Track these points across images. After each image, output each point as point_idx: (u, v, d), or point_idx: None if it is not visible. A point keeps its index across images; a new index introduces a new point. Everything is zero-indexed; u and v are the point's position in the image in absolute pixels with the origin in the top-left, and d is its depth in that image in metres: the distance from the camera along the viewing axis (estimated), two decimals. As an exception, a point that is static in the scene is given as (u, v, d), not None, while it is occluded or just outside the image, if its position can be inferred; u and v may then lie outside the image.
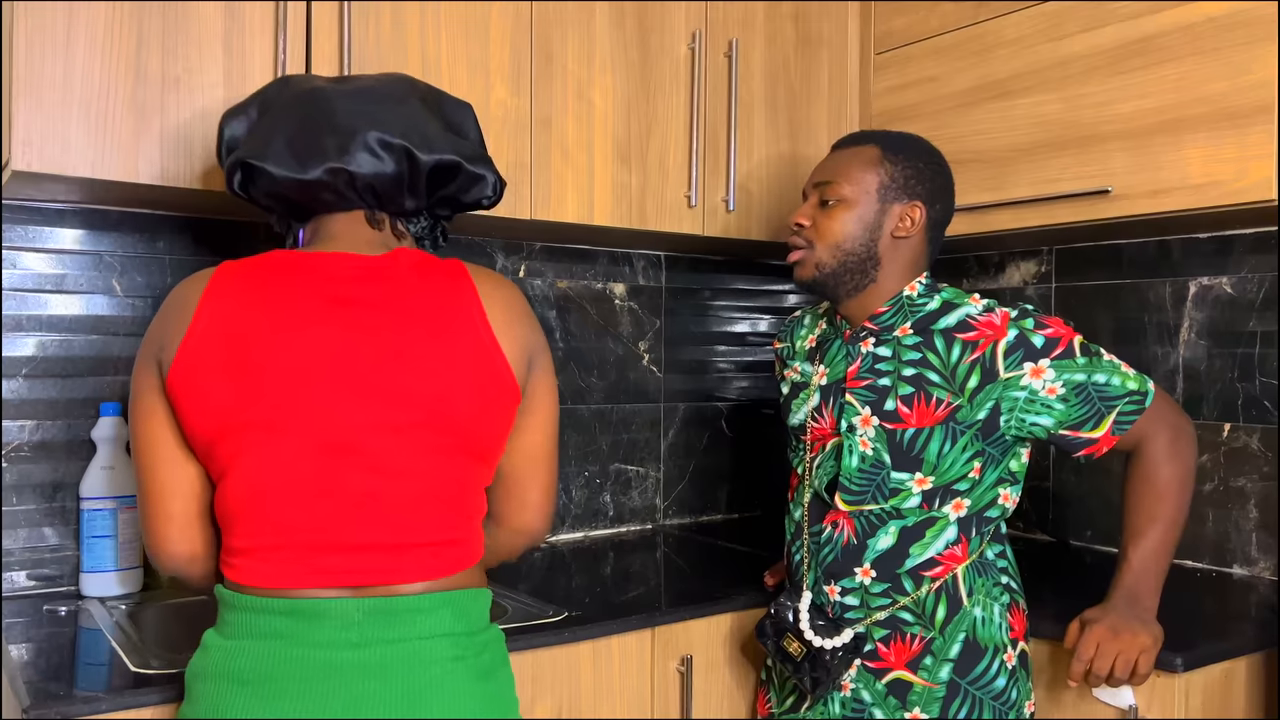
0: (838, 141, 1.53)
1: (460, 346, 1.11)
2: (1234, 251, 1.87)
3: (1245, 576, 1.85)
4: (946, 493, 1.41)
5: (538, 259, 2.12)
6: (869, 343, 1.46)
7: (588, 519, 2.20)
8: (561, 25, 1.79)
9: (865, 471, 1.42)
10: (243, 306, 1.08)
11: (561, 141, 1.79)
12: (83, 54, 1.39)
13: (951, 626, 1.41)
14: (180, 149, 1.46)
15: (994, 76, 1.89)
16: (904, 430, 1.41)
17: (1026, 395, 1.38)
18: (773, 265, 2.48)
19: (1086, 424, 1.39)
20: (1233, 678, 1.50)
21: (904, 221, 1.44)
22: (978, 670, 1.41)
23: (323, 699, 1.02)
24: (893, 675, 1.42)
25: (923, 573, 1.42)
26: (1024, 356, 1.38)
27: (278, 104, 1.19)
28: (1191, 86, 1.61)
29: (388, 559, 1.08)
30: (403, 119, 1.16)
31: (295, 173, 1.13)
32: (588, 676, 1.50)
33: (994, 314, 1.41)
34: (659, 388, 2.30)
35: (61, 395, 1.67)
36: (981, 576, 1.43)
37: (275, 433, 1.06)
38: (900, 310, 1.46)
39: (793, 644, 1.45)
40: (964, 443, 1.40)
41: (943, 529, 1.42)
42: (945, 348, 1.41)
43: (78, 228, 1.68)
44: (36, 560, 1.66)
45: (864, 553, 1.43)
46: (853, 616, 1.44)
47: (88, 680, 1.27)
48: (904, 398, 1.41)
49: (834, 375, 1.49)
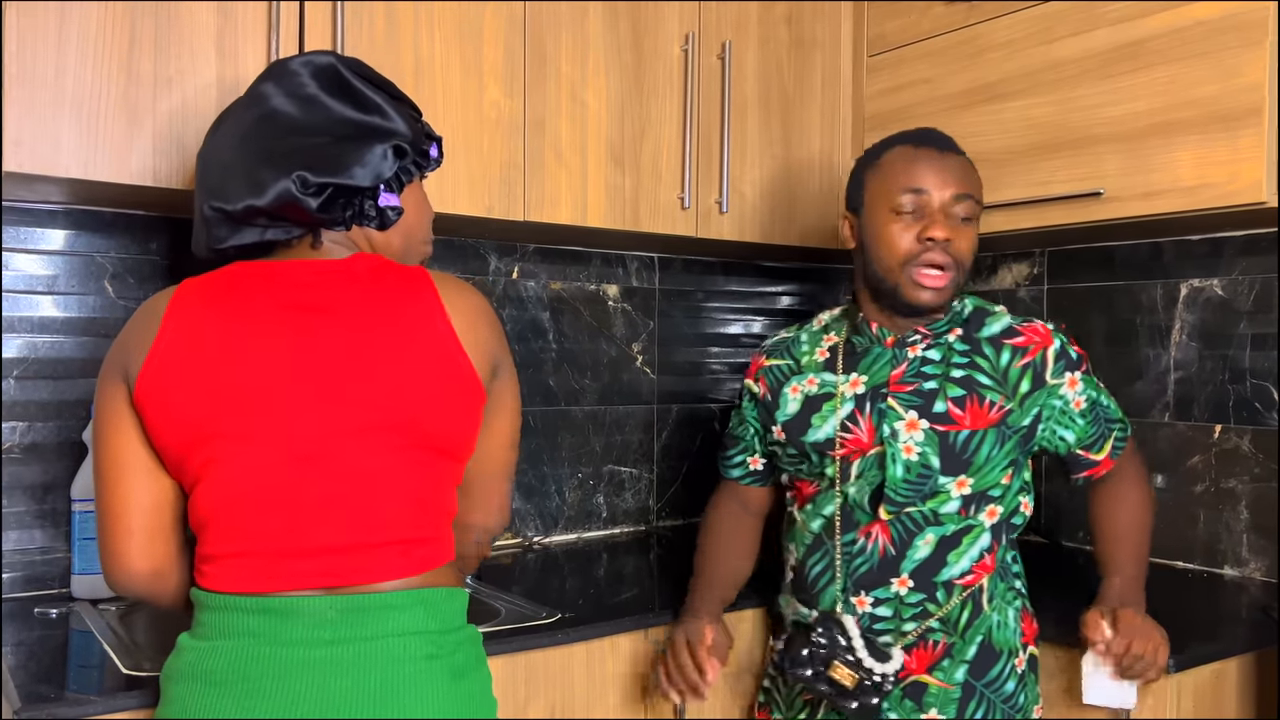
0: (939, 141, 1.42)
1: (422, 347, 1.11)
2: (1225, 254, 1.88)
3: (1236, 577, 1.86)
4: (982, 499, 1.40)
5: (531, 260, 2.12)
6: (917, 348, 1.43)
7: (581, 520, 2.20)
8: (555, 27, 1.79)
9: (911, 481, 1.38)
10: (206, 318, 1.10)
11: (555, 143, 1.79)
12: (74, 54, 1.38)
13: (971, 630, 1.40)
14: (172, 150, 1.45)
15: (986, 79, 1.89)
16: (957, 432, 1.38)
17: (1061, 405, 1.41)
18: (766, 267, 2.49)
19: (1095, 445, 1.44)
20: (1224, 679, 1.51)
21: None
22: (992, 673, 1.40)
23: (295, 697, 1.03)
24: (911, 679, 1.39)
25: (956, 583, 1.39)
26: (1066, 366, 1.41)
27: (210, 145, 1.19)
28: (1182, 89, 1.62)
29: (358, 559, 1.08)
30: (302, 145, 1.12)
31: (223, 212, 1.13)
32: (581, 678, 1.50)
33: (1034, 323, 1.44)
34: (652, 389, 2.31)
35: (53, 397, 1.66)
36: (1002, 582, 1.43)
37: (244, 441, 1.07)
38: (954, 317, 1.45)
39: (841, 671, 1.35)
40: (1008, 448, 1.39)
41: (978, 536, 1.40)
42: (995, 353, 1.41)
43: (69, 229, 1.67)
44: (27, 562, 1.65)
45: (901, 562, 1.39)
46: (881, 628, 1.39)
47: (79, 682, 1.26)
48: (955, 399, 1.38)
49: (873, 382, 1.43)
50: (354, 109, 1.17)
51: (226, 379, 1.07)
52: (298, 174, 1.10)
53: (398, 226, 1.21)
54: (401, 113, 1.19)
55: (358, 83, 1.18)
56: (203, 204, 1.15)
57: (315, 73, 1.17)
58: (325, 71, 1.18)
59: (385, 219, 1.18)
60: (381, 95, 1.19)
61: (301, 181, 1.10)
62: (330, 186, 1.12)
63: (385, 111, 1.18)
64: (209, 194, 1.14)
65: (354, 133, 1.15)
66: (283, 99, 1.16)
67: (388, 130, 1.17)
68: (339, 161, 1.12)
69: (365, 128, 1.16)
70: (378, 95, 1.18)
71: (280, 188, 1.10)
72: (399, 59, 1.62)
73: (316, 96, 1.16)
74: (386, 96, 1.20)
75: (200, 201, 1.15)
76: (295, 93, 1.16)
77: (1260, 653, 1.56)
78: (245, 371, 1.08)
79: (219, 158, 1.16)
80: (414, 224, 1.24)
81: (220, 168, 1.15)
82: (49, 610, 1.55)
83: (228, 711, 1.03)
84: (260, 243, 1.15)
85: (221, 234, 1.15)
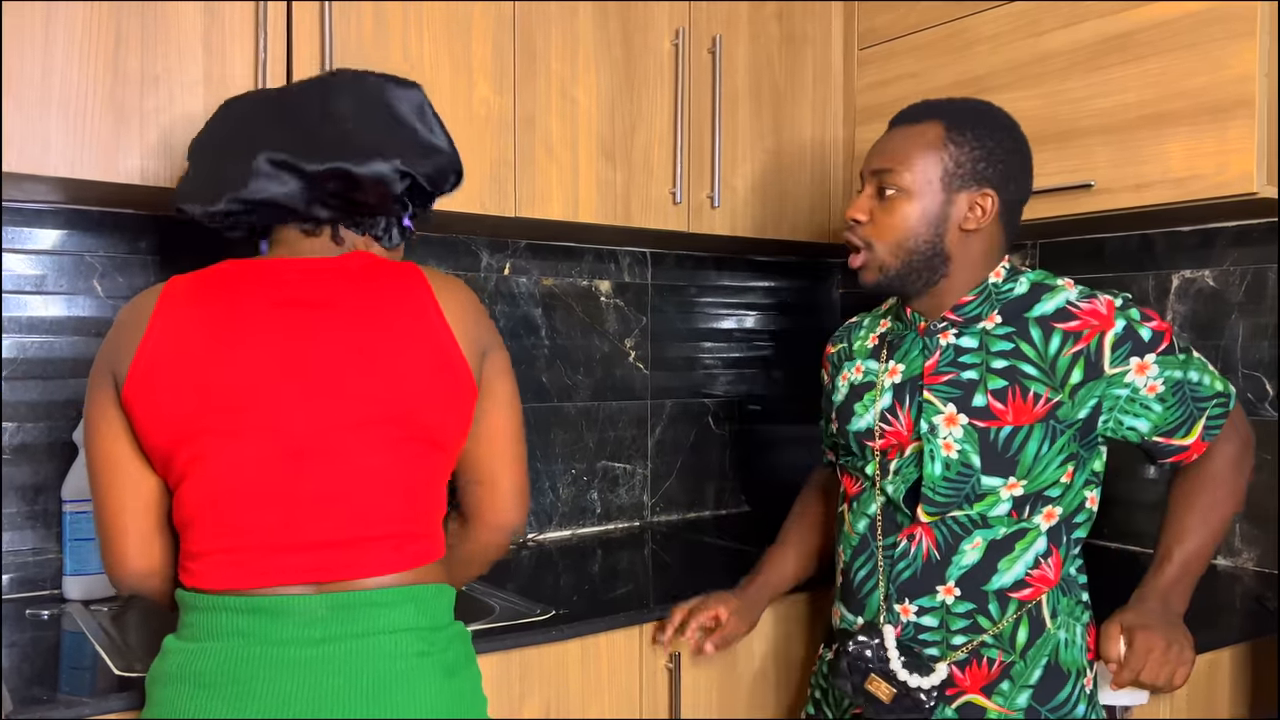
0: (897, 115, 1.35)
1: (416, 340, 1.11)
2: (1217, 245, 1.88)
3: (1229, 568, 1.86)
4: (1038, 500, 1.27)
5: (523, 257, 2.12)
6: (949, 334, 1.31)
7: (575, 517, 2.20)
8: (545, 23, 1.78)
9: (951, 480, 1.27)
10: (194, 317, 1.09)
11: (546, 139, 1.79)
12: (61, 53, 1.37)
13: (1034, 650, 1.27)
14: (161, 148, 1.45)
15: (973, 73, 1.89)
16: (999, 429, 1.25)
17: (1128, 394, 1.25)
18: (758, 262, 2.48)
19: (1180, 429, 1.28)
20: (1218, 668, 1.51)
21: (973, 212, 1.28)
22: (1060, 698, 1.27)
23: (286, 697, 1.02)
24: (965, 699, 1.28)
25: (1010, 594, 1.27)
26: (1131, 350, 1.25)
27: (204, 137, 1.20)
28: (1171, 81, 1.62)
29: (348, 554, 1.07)
30: (290, 129, 1.13)
31: (206, 206, 1.14)
32: (576, 675, 1.50)
33: (1097, 300, 1.27)
34: (645, 385, 2.30)
35: (42, 397, 1.66)
36: (1066, 596, 1.30)
37: (230, 437, 1.06)
38: (987, 299, 1.31)
39: (880, 686, 1.28)
40: (1062, 443, 1.26)
41: (1032, 541, 1.27)
42: (1043, 338, 1.26)
43: (58, 228, 1.67)
44: (19, 564, 1.65)
45: (947, 569, 1.28)
46: (927, 639, 1.29)
47: (71, 684, 1.26)
48: (996, 392, 1.26)
49: (909, 372, 1.33)
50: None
51: (214, 376, 1.06)
52: (398, 160, 1.14)
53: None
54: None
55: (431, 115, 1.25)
56: (260, 152, 1.11)
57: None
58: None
59: (401, 238, 1.23)
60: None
61: (399, 168, 1.14)
62: (411, 178, 1.16)
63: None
64: (282, 145, 1.12)
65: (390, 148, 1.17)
66: (399, 92, 1.20)
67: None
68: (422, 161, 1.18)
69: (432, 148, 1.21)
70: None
71: (379, 165, 1.13)
72: (387, 57, 1.62)
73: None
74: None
75: (257, 149, 1.12)
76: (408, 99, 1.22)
77: (1255, 642, 1.56)
78: (233, 368, 1.07)
79: (326, 111, 1.15)
80: None
81: (319, 122, 1.14)
82: (41, 611, 1.55)
83: (219, 712, 1.02)
84: (287, 210, 1.13)
85: (264, 188, 1.11)
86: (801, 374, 2.58)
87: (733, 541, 2.10)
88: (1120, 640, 1.24)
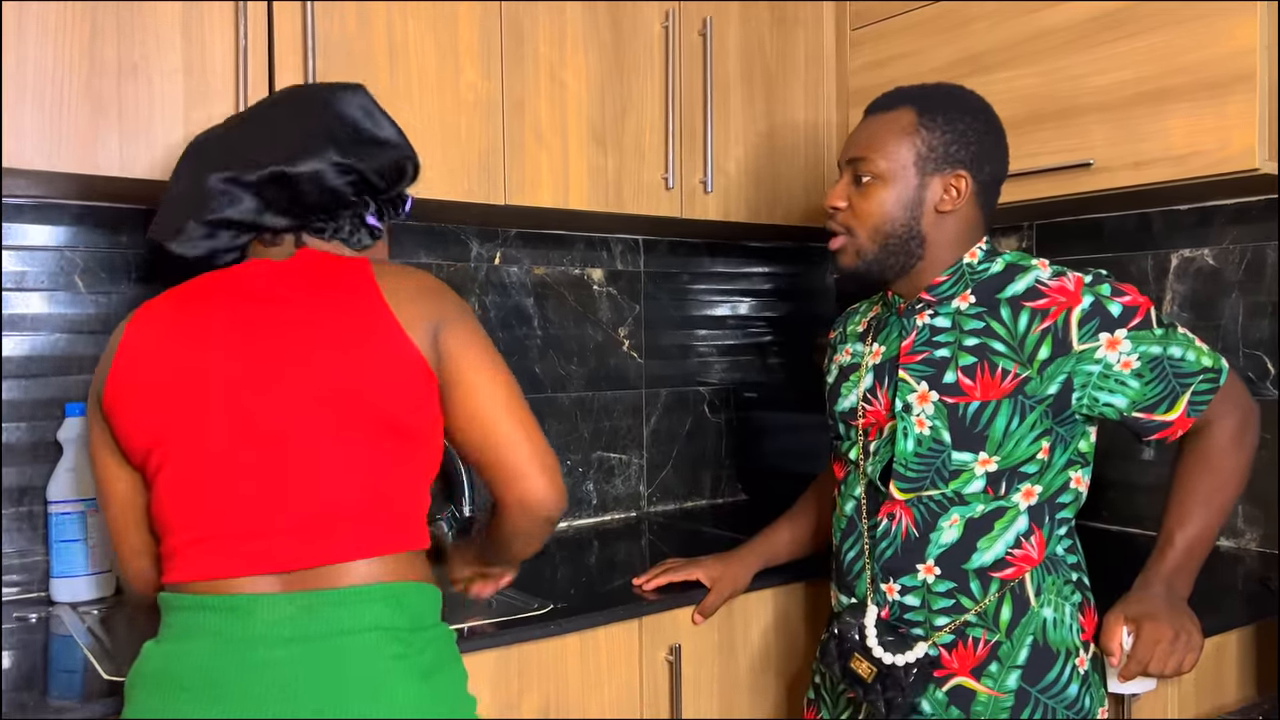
0: (871, 104, 1.38)
1: (359, 328, 1.11)
2: (1215, 223, 1.86)
3: (1232, 549, 1.85)
4: (1014, 476, 1.28)
5: (513, 246, 2.09)
6: (925, 315, 1.35)
7: (571, 508, 2.18)
8: (531, 6, 1.75)
9: (923, 455, 1.30)
10: (161, 326, 1.14)
11: (535, 125, 1.75)
12: (34, 42, 1.34)
13: (1019, 629, 1.28)
14: (139, 138, 1.41)
15: (971, 51, 1.86)
16: (967, 405, 1.28)
17: (1101, 370, 1.26)
18: (752, 247, 2.46)
19: (1161, 404, 1.27)
20: (1224, 651, 1.50)
21: (948, 194, 1.31)
22: (1049, 677, 1.28)
23: (260, 699, 1.01)
24: (955, 682, 1.29)
25: (991, 574, 1.29)
26: (1099, 326, 1.25)
27: (171, 178, 1.22)
28: (1170, 56, 1.59)
29: (311, 539, 1.07)
30: (233, 147, 1.16)
31: (177, 236, 1.16)
32: (575, 669, 1.48)
33: (1065, 279, 1.29)
34: (640, 374, 2.28)
35: (25, 396, 1.62)
36: (1051, 574, 1.30)
37: (195, 433, 1.09)
38: (960, 279, 1.34)
39: (862, 665, 1.31)
40: (1033, 419, 1.27)
41: (1012, 520, 1.29)
42: (1012, 316, 1.29)
43: (36, 223, 1.63)
44: (5, 566, 1.61)
45: (926, 547, 1.30)
46: (912, 618, 1.31)
47: (60, 688, 1.23)
48: (965, 369, 1.29)
49: (889, 353, 1.37)
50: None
51: (177, 376, 1.10)
52: (332, 154, 1.14)
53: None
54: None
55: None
56: (209, 175, 1.14)
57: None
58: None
59: (372, 238, 1.22)
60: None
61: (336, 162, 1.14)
62: (356, 173, 1.15)
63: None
64: (227, 164, 1.14)
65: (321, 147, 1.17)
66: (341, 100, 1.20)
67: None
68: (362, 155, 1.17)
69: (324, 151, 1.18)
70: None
71: (314, 163, 1.13)
72: (372, 42, 1.58)
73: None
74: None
75: (207, 172, 1.15)
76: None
77: (1260, 624, 1.55)
78: (193, 366, 1.10)
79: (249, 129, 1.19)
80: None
81: (257, 135, 1.17)
82: (28, 615, 1.52)
83: (195, 713, 1.01)
84: (245, 225, 1.15)
85: (219, 208, 1.14)
86: (797, 360, 2.56)
87: (730, 531, 2.08)
88: (1121, 633, 1.24)
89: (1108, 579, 1.41)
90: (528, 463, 1.13)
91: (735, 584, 1.58)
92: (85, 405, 1.62)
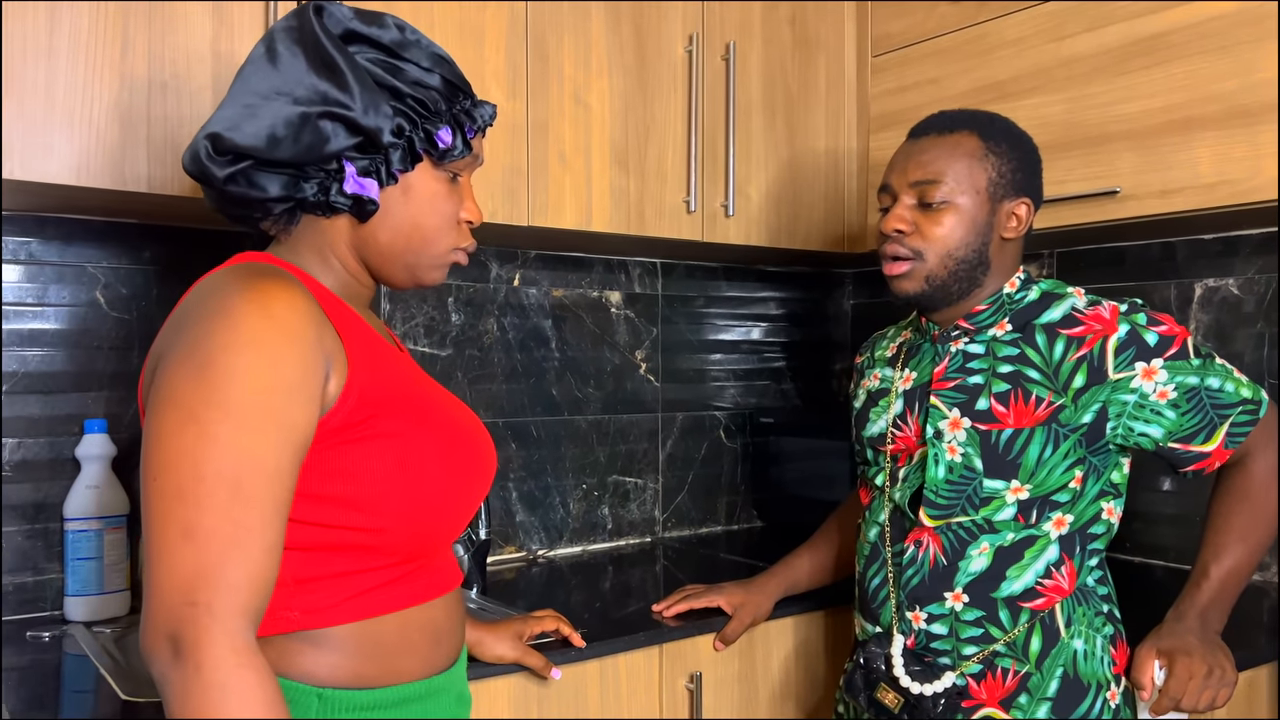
0: (921, 126, 1.36)
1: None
2: (1240, 252, 1.85)
3: (1257, 581, 1.82)
4: (1045, 505, 1.27)
5: (532, 267, 2.08)
6: (960, 341, 1.34)
7: (586, 532, 2.16)
8: (557, 28, 1.75)
9: (954, 482, 1.28)
10: None
11: (559, 146, 1.75)
12: (65, 59, 1.34)
13: (1049, 661, 1.26)
14: (168, 155, 1.41)
15: (995, 78, 1.86)
16: (1000, 431, 1.26)
17: (1136, 399, 1.24)
18: (769, 272, 2.45)
19: (1198, 435, 1.26)
20: (1255, 686, 1.47)
21: (1011, 221, 1.31)
22: (1080, 711, 1.25)
23: None
24: (984, 713, 1.27)
25: (1021, 603, 1.27)
26: (1135, 355, 1.24)
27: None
28: (1200, 85, 1.59)
29: None
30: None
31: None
32: (595, 695, 1.46)
33: (1101, 307, 1.28)
34: (656, 397, 2.26)
35: (44, 412, 1.61)
36: (1082, 605, 1.28)
37: None
38: (1000, 308, 1.33)
39: (888, 695, 1.29)
40: (1066, 448, 1.25)
41: (1043, 549, 1.27)
42: (1047, 344, 1.28)
43: (59, 239, 1.62)
44: (19, 584, 1.60)
45: (954, 575, 1.28)
46: (939, 648, 1.29)
47: (74, 708, 1.21)
48: (999, 395, 1.27)
49: (920, 379, 1.36)
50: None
51: None
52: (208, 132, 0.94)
53: (387, 224, 1.00)
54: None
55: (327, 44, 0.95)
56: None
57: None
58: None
59: (353, 208, 0.97)
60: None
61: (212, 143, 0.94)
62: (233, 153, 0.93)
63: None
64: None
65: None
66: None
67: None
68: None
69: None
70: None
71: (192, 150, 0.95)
72: (399, 61, 1.58)
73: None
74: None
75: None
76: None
77: (1289, 659, 1.52)
78: None
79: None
80: (412, 223, 1.01)
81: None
82: (42, 633, 1.50)
83: None
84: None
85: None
86: (814, 386, 2.54)
87: (746, 557, 2.06)
88: (1154, 667, 1.22)
89: (1132, 610, 1.39)
90: (147, 607, 0.81)
91: (757, 611, 1.56)
92: (105, 423, 1.61)
